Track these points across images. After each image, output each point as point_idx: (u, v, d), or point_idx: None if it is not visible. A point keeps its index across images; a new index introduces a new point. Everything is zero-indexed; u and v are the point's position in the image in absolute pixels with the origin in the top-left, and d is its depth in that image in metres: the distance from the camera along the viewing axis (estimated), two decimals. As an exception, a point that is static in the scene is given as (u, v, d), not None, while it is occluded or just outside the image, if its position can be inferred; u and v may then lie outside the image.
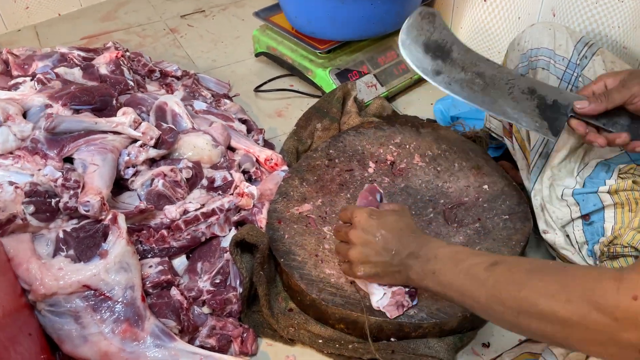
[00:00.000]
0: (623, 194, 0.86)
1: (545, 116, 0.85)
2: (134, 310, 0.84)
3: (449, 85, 0.88)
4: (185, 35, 1.72)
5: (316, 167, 1.14)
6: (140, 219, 0.96)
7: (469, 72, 0.88)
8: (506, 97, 0.87)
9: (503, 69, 0.88)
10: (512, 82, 0.87)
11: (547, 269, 0.60)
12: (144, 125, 1.02)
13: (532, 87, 0.86)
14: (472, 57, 0.88)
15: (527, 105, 0.86)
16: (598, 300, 0.53)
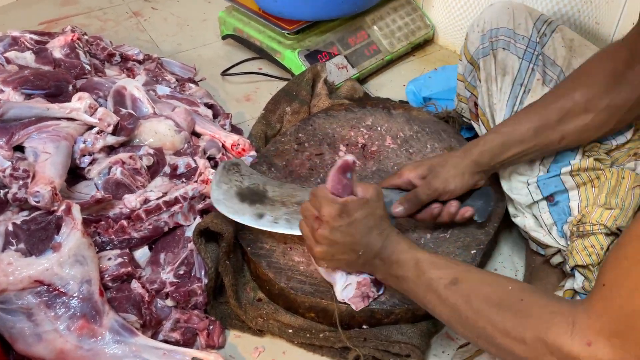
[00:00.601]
0: (585, 174, 0.85)
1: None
2: (91, 305, 0.79)
3: (275, 223, 0.88)
4: (149, 18, 1.66)
5: (285, 152, 1.10)
6: (98, 210, 0.91)
7: (289, 204, 0.90)
8: None
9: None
10: None
11: (505, 300, 0.61)
12: (101, 111, 0.97)
13: None
14: (287, 190, 0.92)
15: None
16: (552, 343, 0.54)
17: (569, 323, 0.54)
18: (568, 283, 0.86)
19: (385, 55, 1.42)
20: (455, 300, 0.65)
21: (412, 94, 1.29)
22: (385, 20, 1.45)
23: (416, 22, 1.49)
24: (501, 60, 0.94)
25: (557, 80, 0.92)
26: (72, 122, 0.96)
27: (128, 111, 1.02)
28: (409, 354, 0.83)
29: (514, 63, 0.93)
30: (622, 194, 0.83)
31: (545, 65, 0.92)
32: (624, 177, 0.84)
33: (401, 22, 1.47)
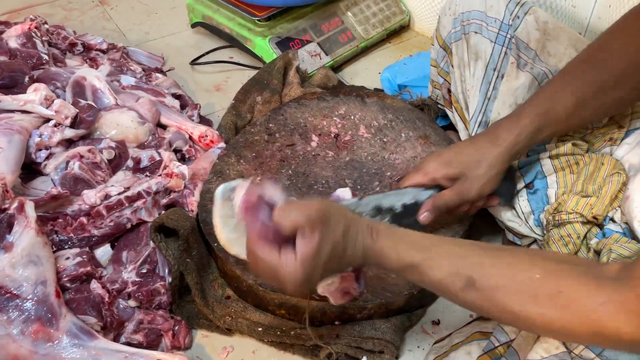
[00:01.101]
0: (564, 159, 0.83)
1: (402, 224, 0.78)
2: (46, 308, 0.75)
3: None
4: (116, 7, 1.60)
5: (255, 143, 1.06)
6: (55, 206, 0.86)
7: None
8: None
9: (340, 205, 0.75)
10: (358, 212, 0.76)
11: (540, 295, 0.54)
12: (58, 103, 0.92)
13: (376, 205, 0.80)
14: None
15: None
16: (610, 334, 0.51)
17: (621, 311, 0.50)
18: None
19: (359, 42, 1.38)
20: (480, 303, 0.58)
21: (387, 81, 1.26)
22: (360, 6, 1.41)
23: (391, 7, 1.45)
24: (473, 45, 0.91)
25: (532, 63, 0.89)
26: (27, 114, 0.91)
27: (88, 102, 0.97)
28: (382, 349, 0.80)
29: (486, 47, 0.90)
30: (600, 180, 0.81)
31: (518, 49, 0.89)
32: (604, 162, 0.82)
33: (376, 8, 1.43)
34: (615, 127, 0.85)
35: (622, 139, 0.85)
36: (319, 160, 1.03)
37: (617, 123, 0.86)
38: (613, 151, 0.85)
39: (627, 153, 0.83)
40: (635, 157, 0.81)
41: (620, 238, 0.75)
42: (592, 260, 0.61)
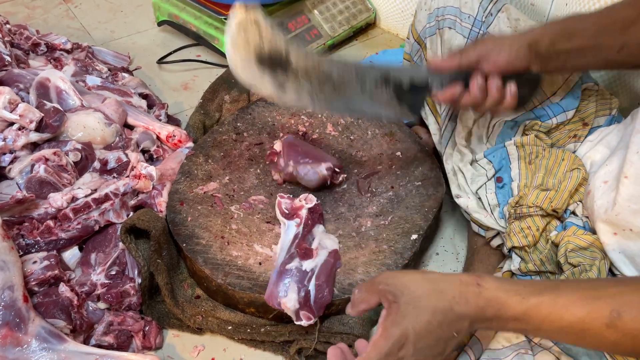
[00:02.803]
0: (527, 148, 0.86)
1: (404, 100, 0.79)
2: (14, 312, 0.75)
3: (298, 96, 0.78)
4: (80, 5, 1.57)
5: (223, 142, 1.06)
6: (21, 210, 0.86)
7: (313, 77, 0.78)
8: (359, 95, 0.78)
9: (349, 64, 0.78)
10: (362, 75, 0.77)
11: None
12: (22, 107, 0.91)
13: (385, 74, 0.77)
14: (312, 59, 0.77)
15: (383, 98, 0.79)
16: None
17: None
18: (506, 264, 0.88)
19: (326, 39, 1.40)
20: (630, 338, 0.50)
21: (353, 79, 1.28)
22: (326, 4, 1.42)
23: (357, 5, 1.47)
24: (447, 40, 0.93)
25: None
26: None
27: (53, 105, 0.96)
28: (351, 344, 0.82)
29: (459, 43, 0.91)
30: (560, 175, 0.84)
31: None
32: (564, 158, 0.85)
33: (342, 6, 1.44)
34: (580, 124, 0.88)
35: (586, 136, 0.88)
36: (287, 159, 1.04)
37: (582, 120, 0.88)
38: (576, 147, 0.88)
39: (589, 150, 0.85)
40: (597, 154, 0.84)
41: (577, 230, 0.78)
42: None
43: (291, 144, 0.99)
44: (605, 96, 0.89)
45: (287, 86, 0.76)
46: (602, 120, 0.88)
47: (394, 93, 0.78)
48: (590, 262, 0.72)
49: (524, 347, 0.68)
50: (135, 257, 0.84)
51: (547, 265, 0.79)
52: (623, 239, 0.71)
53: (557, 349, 0.66)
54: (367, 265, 0.86)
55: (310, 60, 0.77)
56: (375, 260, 0.87)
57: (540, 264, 0.80)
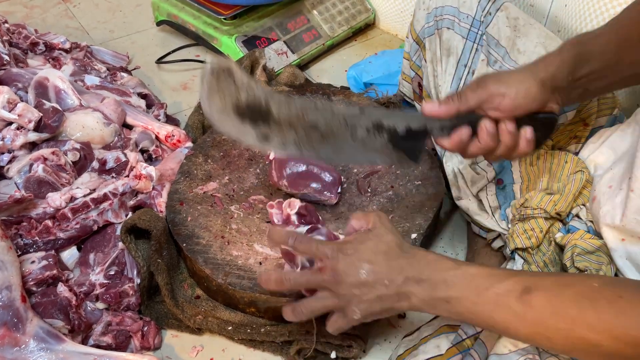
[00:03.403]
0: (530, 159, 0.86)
1: (401, 148, 0.72)
2: (12, 312, 0.74)
3: (284, 147, 0.71)
4: (79, 4, 1.57)
5: (222, 142, 1.06)
6: (19, 210, 0.85)
7: (299, 128, 0.71)
8: (350, 143, 0.72)
9: (337, 110, 0.71)
10: (352, 123, 0.71)
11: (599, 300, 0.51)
12: (21, 107, 0.91)
13: (377, 121, 0.71)
14: (295, 107, 0.70)
15: (377, 145, 0.72)
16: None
17: None
18: (508, 266, 0.87)
19: (325, 40, 1.39)
20: (535, 312, 0.54)
21: (353, 79, 1.28)
22: (325, 5, 1.42)
23: (356, 6, 1.47)
24: (446, 40, 0.92)
25: (502, 61, 0.90)
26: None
27: (52, 105, 0.96)
28: (351, 344, 0.82)
29: (458, 43, 0.91)
30: (564, 178, 0.84)
31: (489, 46, 0.90)
32: (567, 161, 0.85)
33: (341, 6, 1.44)
34: (581, 125, 0.88)
35: (587, 137, 0.87)
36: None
37: (582, 120, 0.88)
38: (578, 149, 0.87)
39: (592, 152, 0.84)
40: (600, 156, 0.82)
41: (584, 234, 0.78)
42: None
43: (281, 161, 0.94)
44: (607, 96, 0.88)
45: (271, 137, 0.71)
46: (604, 121, 0.88)
47: (389, 140, 0.72)
48: (597, 266, 0.71)
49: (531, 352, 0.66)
50: (135, 257, 0.84)
51: (550, 267, 0.79)
52: (631, 245, 0.71)
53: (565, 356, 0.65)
54: (367, 265, 0.86)
55: (293, 109, 0.70)
56: (376, 260, 0.87)
57: (543, 265, 0.79)
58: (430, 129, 0.71)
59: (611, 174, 0.76)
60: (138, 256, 0.84)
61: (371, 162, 0.79)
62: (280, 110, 0.70)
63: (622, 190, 0.72)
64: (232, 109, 0.69)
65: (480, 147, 0.70)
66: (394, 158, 0.74)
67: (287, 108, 0.70)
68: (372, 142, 0.72)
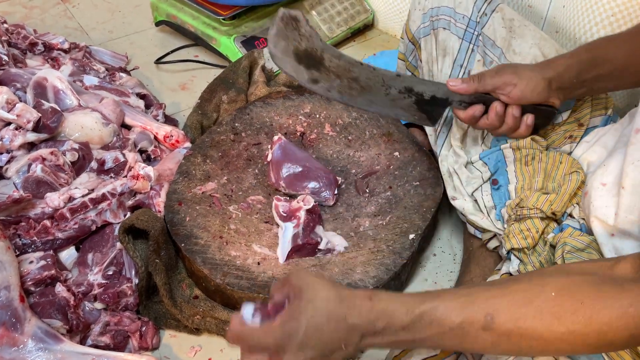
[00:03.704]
0: (524, 150, 0.86)
1: (423, 110, 0.87)
2: (10, 312, 0.75)
3: (328, 92, 0.86)
4: (78, 5, 1.57)
5: (221, 142, 1.06)
6: (18, 210, 0.85)
7: (344, 78, 0.85)
8: (383, 98, 0.86)
9: (377, 72, 0.84)
10: (388, 84, 0.85)
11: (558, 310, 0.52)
12: (19, 107, 0.91)
13: (409, 86, 0.85)
14: (344, 62, 0.84)
15: (404, 103, 0.86)
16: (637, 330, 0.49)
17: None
18: (504, 267, 0.87)
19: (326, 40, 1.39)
20: (505, 338, 0.53)
21: (351, 79, 1.28)
22: (324, 5, 1.42)
23: (355, 6, 1.47)
24: (442, 41, 0.93)
25: (498, 61, 0.91)
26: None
27: (51, 106, 0.96)
28: (349, 344, 0.82)
29: (454, 44, 0.91)
30: (559, 178, 0.84)
31: (485, 46, 0.91)
32: (562, 161, 0.85)
33: (340, 7, 1.44)
34: (576, 125, 0.88)
35: (582, 137, 0.88)
36: (285, 159, 1.04)
37: (577, 121, 0.89)
38: (572, 148, 0.88)
39: (585, 151, 0.85)
40: (593, 154, 0.84)
41: (573, 232, 0.78)
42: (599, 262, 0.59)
43: (279, 163, 0.97)
44: (600, 96, 0.89)
45: (320, 81, 0.85)
46: (598, 121, 0.88)
47: (415, 102, 0.86)
48: (588, 263, 0.72)
49: None
50: (133, 257, 0.84)
51: (545, 267, 0.79)
52: (620, 241, 0.71)
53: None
54: (365, 265, 0.86)
55: (342, 62, 0.84)
56: (374, 260, 0.87)
57: (539, 265, 0.80)
58: (451, 101, 0.85)
59: (603, 169, 0.77)
60: (136, 256, 0.84)
61: (397, 115, 0.92)
62: (331, 61, 0.84)
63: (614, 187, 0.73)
64: (293, 52, 0.82)
65: (487, 124, 0.83)
66: (416, 116, 0.89)
67: (337, 60, 0.84)
68: (401, 101, 0.86)
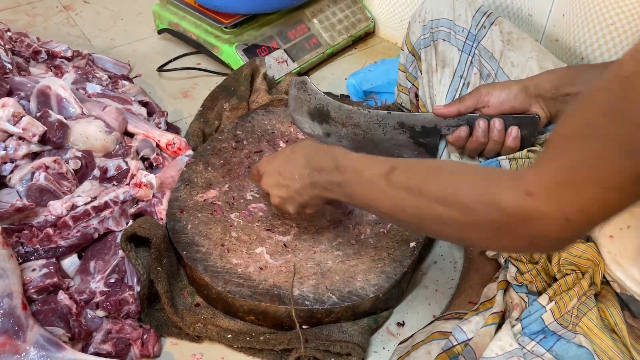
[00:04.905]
0: (520, 161, 0.87)
1: (419, 143, 0.93)
2: (13, 320, 0.75)
3: (340, 142, 0.97)
4: (81, 12, 1.58)
5: (222, 150, 1.07)
6: (21, 218, 0.86)
7: (348, 126, 0.95)
8: (382, 137, 0.94)
9: (372, 114, 0.93)
10: (383, 122, 0.93)
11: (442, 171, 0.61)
12: (25, 120, 0.91)
13: (400, 120, 0.92)
14: (344, 111, 0.95)
15: (401, 139, 0.93)
16: (492, 199, 0.52)
17: (512, 178, 0.52)
18: (502, 274, 0.88)
19: (325, 48, 1.40)
20: (394, 187, 0.62)
21: (352, 87, 1.28)
22: (325, 13, 1.43)
23: (357, 14, 1.48)
24: (441, 52, 0.94)
25: (495, 75, 0.92)
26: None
27: (58, 118, 0.95)
28: (350, 352, 0.82)
29: (453, 55, 0.93)
30: None
31: (482, 58, 0.92)
32: None
33: (341, 15, 1.45)
34: None
35: None
36: (286, 167, 1.05)
37: None
38: None
39: None
40: None
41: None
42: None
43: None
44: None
45: (331, 133, 0.97)
46: None
47: (410, 137, 0.93)
48: (584, 269, 0.73)
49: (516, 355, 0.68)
50: (135, 265, 0.84)
51: (543, 275, 0.80)
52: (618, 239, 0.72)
53: (549, 356, 0.66)
54: (366, 272, 0.87)
55: (344, 112, 0.95)
56: (375, 268, 0.87)
57: (536, 273, 0.80)
58: (439, 128, 0.90)
59: None
60: (138, 264, 0.84)
61: (400, 154, 0.96)
62: (335, 113, 0.96)
63: None
64: (307, 111, 0.98)
65: (474, 142, 0.86)
66: (416, 152, 0.94)
67: (339, 111, 0.95)
68: (398, 137, 0.93)
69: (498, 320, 0.71)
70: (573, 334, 0.68)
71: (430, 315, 0.89)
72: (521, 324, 0.70)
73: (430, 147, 0.93)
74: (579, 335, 0.67)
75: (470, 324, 0.73)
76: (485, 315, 0.73)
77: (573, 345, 0.66)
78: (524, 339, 0.68)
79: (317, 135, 0.97)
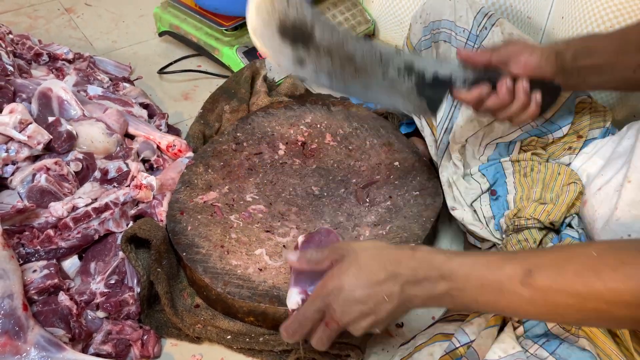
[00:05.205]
0: (523, 163, 0.87)
1: (423, 95, 0.77)
2: (14, 321, 0.75)
3: (316, 74, 0.74)
4: (83, 15, 1.59)
5: (222, 152, 1.07)
6: (22, 220, 0.86)
7: (335, 56, 0.73)
8: (380, 81, 0.75)
9: (376, 46, 0.74)
10: (386, 61, 0.74)
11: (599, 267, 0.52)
12: (32, 128, 0.92)
13: (410, 62, 0.75)
14: (338, 34, 0.72)
15: (403, 88, 0.77)
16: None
17: None
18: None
19: (326, 50, 1.41)
20: (542, 293, 0.54)
21: (352, 89, 1.28)
22: (326, 16, 1.43)
23: (357, 17, 1.49)
24: (442, 53, 0.94)
25: None
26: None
27: (68, 130, 0.94)
28: (349, 353, 0.82)
29: (455, 56, 0.92)
30: (557, 189, 0.85)
31: None
32: (560, 172, 0.86)
33: (341, 18, 1.46)
34: (575, 137, 0.89)
35: (581, 148, 0.89)
36: (286, 169, 1.05)
37: (576, 133, 0.90)
38: (571, 160, 0.89)
39: (584, 162, 0.87)
40: (592, 166, 0.85)
41: (572, 242, 0.79)
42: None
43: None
44: (599, 109, 0.90)
45: (307, 62, 0.72)
46: (597, 133, 0.89)
47: (415, 84, 0.76)
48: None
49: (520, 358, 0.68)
50: (135, 266, 0.85)
51: None
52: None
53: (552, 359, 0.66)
54: (365, 275, 0.87)
55: (335, 36, 0.72)
56: (373, 270, 0.88)
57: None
58: (454, 79, 0.76)
59: (601, 179, 0.78)
60: (138, 265, 0.85)
61: (394, 105, 0.79)
62: (323, 35, 0.71)
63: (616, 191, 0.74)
64: (277, 25, 0.69)
65: (496, 102, 0.75)
66: (415, 105, 0.78)
67: (330, 33, 0.71)
68: (400, 84, 0.76)
69: (500, 322, 0.71)
70: (576, 337, 0.68)
71: (429, 316, 0.89)
72: (523, 327, 0.70)
73: (433, 102, 0.78)
74: (581, 338, 0.67)
75: (472, 326, 0.72)
76: (487, 316, 0.73)
77: (576, 348, 0.66)
78: (527, 342, 0.68)
79: (283, 62, 0.71)
